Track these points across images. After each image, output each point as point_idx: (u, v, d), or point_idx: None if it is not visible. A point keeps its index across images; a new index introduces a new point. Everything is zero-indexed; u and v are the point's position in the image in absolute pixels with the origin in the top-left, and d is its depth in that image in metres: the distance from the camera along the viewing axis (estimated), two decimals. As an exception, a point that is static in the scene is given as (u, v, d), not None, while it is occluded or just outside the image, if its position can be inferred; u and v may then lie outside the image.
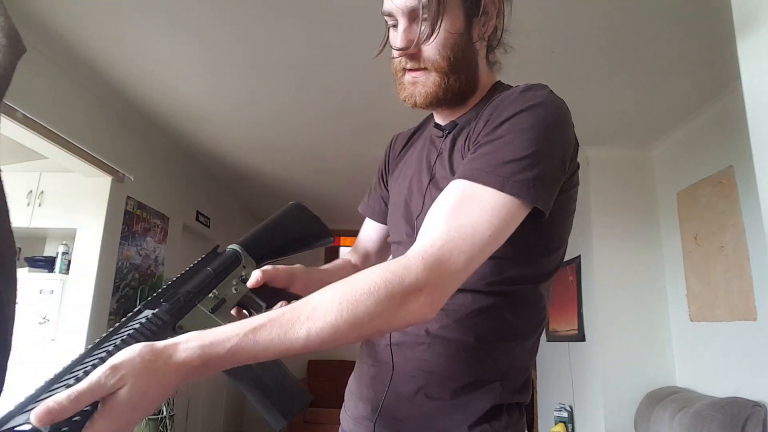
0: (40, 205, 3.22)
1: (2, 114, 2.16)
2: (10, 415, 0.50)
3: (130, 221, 3.40)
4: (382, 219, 0.99)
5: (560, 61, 2.63)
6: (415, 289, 0.60)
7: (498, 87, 0.85)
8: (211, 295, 0.74)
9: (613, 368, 3.27)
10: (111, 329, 0.62)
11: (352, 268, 1.00)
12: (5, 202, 0.89)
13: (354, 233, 1.09)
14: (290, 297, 0.83)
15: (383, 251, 1.02)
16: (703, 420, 2.44)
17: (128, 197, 3.38)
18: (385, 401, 0.77)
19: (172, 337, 0.61)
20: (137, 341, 0.58)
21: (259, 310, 0.79)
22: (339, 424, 0.88)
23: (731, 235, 2.76)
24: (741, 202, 2.70)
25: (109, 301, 3.20)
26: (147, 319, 0.63)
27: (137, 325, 0.62)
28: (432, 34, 0.75)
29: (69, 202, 3.20)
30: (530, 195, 0.66)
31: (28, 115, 2.48)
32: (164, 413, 3.26)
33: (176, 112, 3.35)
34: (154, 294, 0.68)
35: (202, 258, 0.78)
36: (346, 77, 2.87)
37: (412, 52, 0.77)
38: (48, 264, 3.18)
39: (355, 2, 2.20)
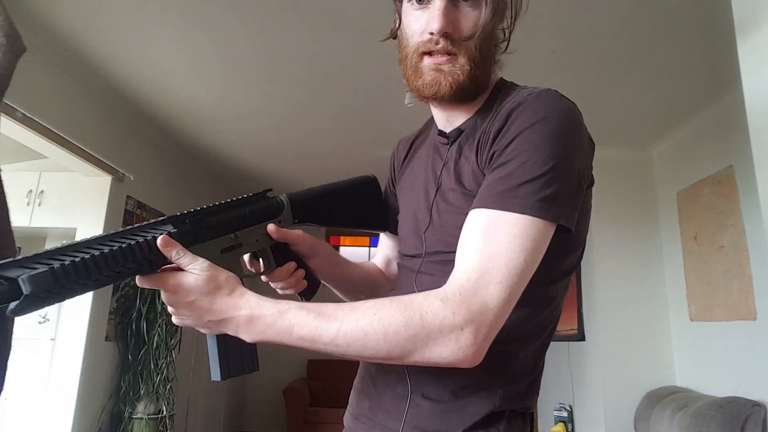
0: (40, 204, 3.22)
1: (2, 113, 2.16)
2: (12, 264, 0.55)
3: (130, 221, 3.40)
4: (394, 226, 0.96)
5: (560, 61, 2.62)
6: (455, 326, 0.60)
7: (502, 86, 0.81)
8: (232, 235, 0.74)
9: (613, 368, 3.27)
10: (131, 227, 0.65)
11: (378, 272, 1.00)
12: (5, 202, 0.89)
13: (355, 233, 1.09)
14: (305, 269, 0.84)
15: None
16: (702, 420, 2.44)
17: (128, 197, 3.38)
18: (384, 400, 0.77)
19: None
20: (133, 255, 0.62)
21: (268, 268, 0.80)
22: (339, 423, 0.88)
23: (731, 235, 2.76)
24: (741, 202, 2.70)
25: (109, 300, 3.20)
26: (155, 238, 0.64)
27: (141, 239, 0.63)
28: (491, 20, 0.73)
29: (69, 201, 3.20)
30: (552, 213, 0.65)
31: (28, 115, 2.48)
32: (164, 413, 3.26)
33: (176, 111, 3.35)
34: (186, 212, 0.69)
35: (249, 195, 0.78)
36: (353, 81, 2.87)
37: (450, 35, 0.72)
38: (48, 263, 3.18)
39: (364, 7, 2.20)
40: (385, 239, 1.01)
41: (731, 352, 2.73)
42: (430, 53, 0.74)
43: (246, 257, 0.79)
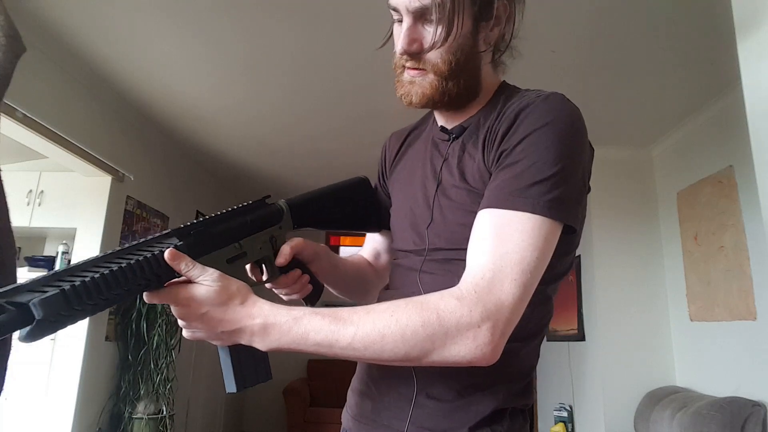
0: (40, 204, 3.22)
1: (2, 113, 2.16)
2: (20, 288, 0.53)
3: (130, 221, 3.40)
4: (387, 222, 0.97)
5: (560, 61, 2.62)
6: (472, 324, 0.60)
7: (504, 88, 0.83)
8: (236, 244, 0.74)
9: (613, 368, 3.27)
10: (136, 242, 0.64)
11: (367, 265, 1.00)
12: (5, 202, 0.89)
13: (354, 233, 1.09)
14: (308, 273, 0.85)
15: (392, 251, 1.02)
16: (703, 419, 2.44)
17: (128, 197, 3.38)
18: (387, 401, 0.77)
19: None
20: (142, 271, 0.61)
21: (273, 276, 0.80)
22: (339, 423, 0.88)
23: (731, 235, 2.76)
24: (741, 202, 2.70)
25: (109, 300, 3.19)
26: (162, 252, 0.64)
27: (149, 254, 0.62)
28: (446, 39, 0.72)
29: (69, 201, 3.20)
30: (561, 213, 0.66)
31: (28, 115, 2.48)
32: (164, 413, 3.26)
33: (176, 111, 3.35)
34: (190, 223, 0.69)
35: (248, 204, 0.78)
36: (346, 73, 2.87)
37: (416, 53, 0.75)
38: (48, 264, 3.18)
39: (361, 6, 2.20)
40: (375, 235, 1.02)
41: (731, 352, 2.73)
42: (407, 67, 0.78)
43: (248, 267, 0.79)
